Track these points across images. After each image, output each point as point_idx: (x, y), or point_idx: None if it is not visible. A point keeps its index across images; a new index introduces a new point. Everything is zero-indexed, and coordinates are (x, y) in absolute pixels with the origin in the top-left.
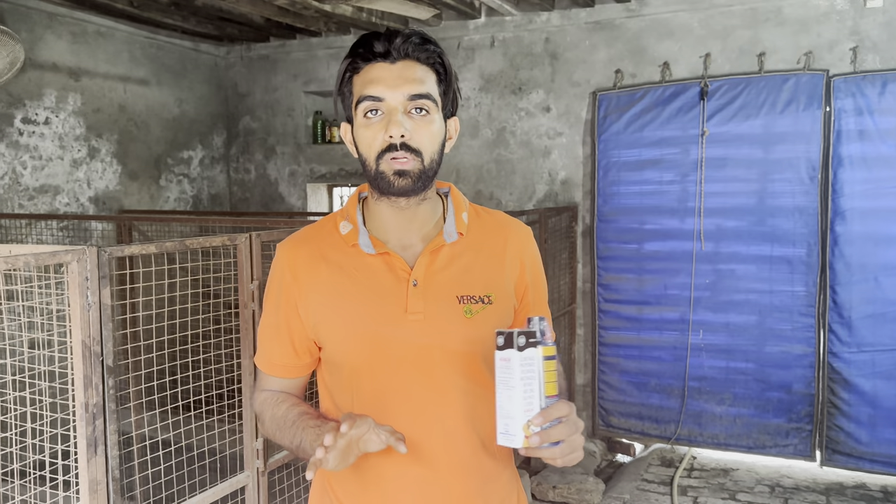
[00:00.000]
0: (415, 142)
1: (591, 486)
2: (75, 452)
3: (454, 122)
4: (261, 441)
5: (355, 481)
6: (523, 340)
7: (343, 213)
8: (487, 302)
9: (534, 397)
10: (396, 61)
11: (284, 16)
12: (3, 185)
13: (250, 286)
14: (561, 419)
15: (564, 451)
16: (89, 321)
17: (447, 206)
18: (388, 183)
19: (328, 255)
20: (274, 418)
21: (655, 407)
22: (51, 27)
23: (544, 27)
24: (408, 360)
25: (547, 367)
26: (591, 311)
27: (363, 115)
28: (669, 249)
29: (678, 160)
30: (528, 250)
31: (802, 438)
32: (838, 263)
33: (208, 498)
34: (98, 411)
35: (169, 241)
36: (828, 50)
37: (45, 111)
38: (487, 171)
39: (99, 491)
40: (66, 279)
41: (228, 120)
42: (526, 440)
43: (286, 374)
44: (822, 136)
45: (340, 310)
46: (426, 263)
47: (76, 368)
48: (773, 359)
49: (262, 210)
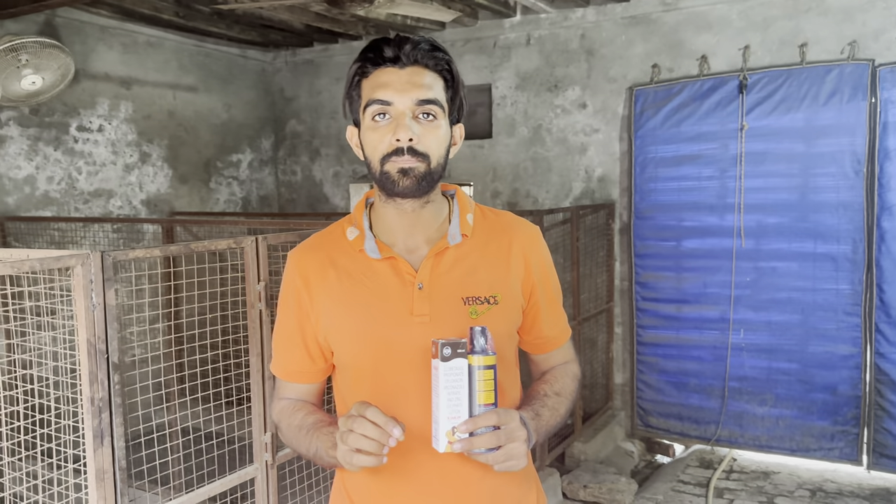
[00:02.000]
0: (422, 146)
1: (623, 486)
2: (83, 443)
3: (459, 128)
4: (269, 435)
5: (367, 483)
6: (448, 351)
7: (350, 220)
8: (493, 302)
9: (461, 405)
10: (405, 66)
11: (323, 21)
12: (60, 190)
13: (257, 287)
14: (497, 427)
15: (498, 459)
16: (94, 321)
17: (453, 208)
18: (393, 183)
19: (336, 261)
20: (290, 427)
21: (695, 407)
22: (103, 39)
23: (580, 23)
24: (414, 362)
25: (482, 376)
26: (629, 310)
27: (371, 119)
28: (709, 247)
29: (717, 155)
30: (534, 249)
31: (848, 441)
32: (885, 261)
33: (217, 488)
34: (104, 405)
35: (174, 245)
36: (873, 39)
37: (98, 119)
38: (524, 169)
39: (106, 479)
40: (72, 282)
41: (276, 123)
42: (449, 445)
43: (302, 379)
44: (867, 129)
45: (349, 314)
46: (431, 266)
47: (82, 365)
48: (818, 359)
49: (309, 210)
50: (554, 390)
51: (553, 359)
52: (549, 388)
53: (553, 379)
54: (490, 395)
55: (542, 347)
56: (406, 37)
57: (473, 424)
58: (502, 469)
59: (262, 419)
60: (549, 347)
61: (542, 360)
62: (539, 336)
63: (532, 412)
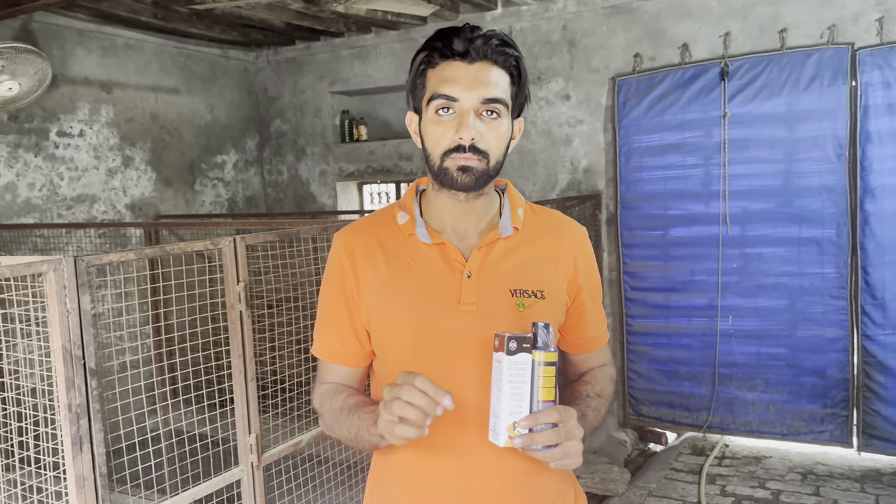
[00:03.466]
0: (483, 143)
1: (616, 475)
2: (62, 450)
3: (519, 122)
4: (254, 436)
5: (405, 475)
6: (514, 345)
7: (401, 205)
8: (540, 297)
9: (522, 400)
10: (474, 62)
11: (303, 19)
12: (42, 197)
13: (236, 288)
14: (556, 424)
15: (555, 456)
16: (69, 326)
17: (503, 202)
18: (452, 179)
19: (385, 244)
20: (332, 410)
21: (686, 395)
22: (81, 43)
23: (561, 14)
24: (459, 351)
25: (544, 372)
26: (617, 300)
27: (435, 112)
28: (695, 235)
29: (701, 143)
30: (582, 250)
31: (838, 424)
32: (869, 243)
33: (202, 491)
34: (82, 411)
35: (149, 248)
36: (852, 22)
37: (79, 124)
38: (510, 162)
39: (87, 486)
40: (45, 288)
41: (260, 123)
42: (509, 440)
43: (348, 361)
44: (848, 112)
45: (394, 298)
46: (481, 256)
47: (58, 371)
48: (806, 343)
49: (296, 210)
50: (596, 391)
51: (592, 360)
52: (591, 390)
53: (594, 380)
54: (550, 392)
55: (583, 348)
56: (476, 28)
57: (534, 420)
58: (558, 467)
59: (245, 420)
60: (590, 348)
61: (581, 360)
62: (583, 336)
63: (578, 412)
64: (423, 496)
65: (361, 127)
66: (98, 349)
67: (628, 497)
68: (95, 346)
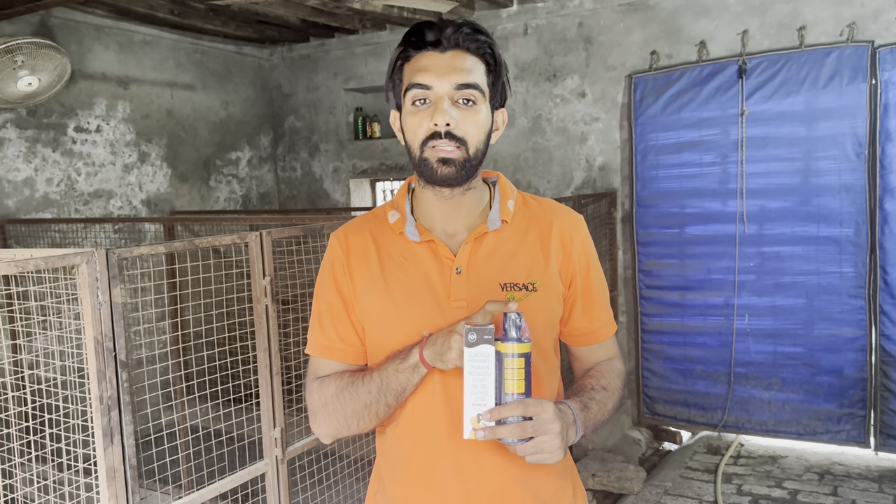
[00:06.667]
0: (459, 130)
1: (632, 473)
2: (93, 441)
3: (502, 113)
4: (279, 430)
5: (403, 467)
6: (473, 337)
7: (392, 203)
8: (532, 289)
9: (486, 393)
10: (446, 50)
11: (318, 16)
12: (60, 192)
13: (262, 282)
14: (528, 418)
15: (527, 451)
16: (101, 319)
17: (494, 194)
18: (432, 170)
19: (379, 242)
20: (340, 388)
21: (701, 394)
22: (99, 39)
23: (577, 11)
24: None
25: (513, 364)
26: (632, 298)
27: (411, 103)
28: (712, 233)
29: (718, 141)
30: (576, 237)
31: (855, 424)
32: (888, 242)
33: (227, 484)
34: (113, 403)
35: (178, 242)
36: (872, 20)
37: (96, 119)
38: (524, 159)
39: (117, 478)
40: (77, 280)
41: (274, 120)
42: (473, 432)
43: (346, 358)
44: (867, 111)
45: (386, 295)
46: (469, 251)
47: (90, 363)
48: (823, 342)
49: (309, 206)
50: (601, 384)
51: (595, 354)
52: (595, 383)
53: (599, 374)
54: (521, 385)
55: (581, 340)
56: (448, 20)
57: (499, 413)
58: (533, 461)
59: (271, 414)
60: (590, 340)
61: (584, 353)
62: (576, 327)
63: (580, 404)
64: (421, 491)
65: (375, 124)
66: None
67: (644, 495)
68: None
